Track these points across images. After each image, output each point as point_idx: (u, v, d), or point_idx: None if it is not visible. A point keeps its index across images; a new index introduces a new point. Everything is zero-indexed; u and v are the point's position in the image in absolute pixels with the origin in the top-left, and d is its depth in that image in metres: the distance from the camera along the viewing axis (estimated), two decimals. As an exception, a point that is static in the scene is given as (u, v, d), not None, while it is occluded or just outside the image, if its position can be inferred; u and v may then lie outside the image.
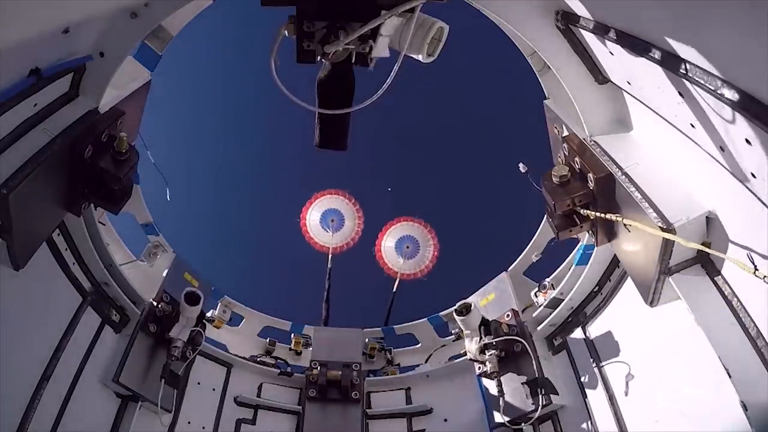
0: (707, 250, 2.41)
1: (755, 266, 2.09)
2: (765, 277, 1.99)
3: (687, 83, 1.96)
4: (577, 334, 3.94)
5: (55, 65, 2.67)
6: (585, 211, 3.11)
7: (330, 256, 6.13)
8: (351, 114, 2.66)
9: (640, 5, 2.03)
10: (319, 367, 4.57)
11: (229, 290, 5.36)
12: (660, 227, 2.48)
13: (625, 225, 2.80)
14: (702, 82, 1.80)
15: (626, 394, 3.31)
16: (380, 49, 2.42)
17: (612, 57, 2.61)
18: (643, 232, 2.67)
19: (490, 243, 9.81)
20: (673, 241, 2.50)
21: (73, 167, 2.93)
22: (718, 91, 1.73)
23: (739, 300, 2.43)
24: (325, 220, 6.37)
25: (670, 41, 1.94)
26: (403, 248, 6.30)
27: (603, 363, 3.59)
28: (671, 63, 1.95)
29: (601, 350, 3.66)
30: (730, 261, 2.20)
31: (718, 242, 2.51)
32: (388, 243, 6.36)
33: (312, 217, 6.41)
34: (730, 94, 1.68)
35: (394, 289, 6.00)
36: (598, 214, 3.00)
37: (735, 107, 1.68)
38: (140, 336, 3.77)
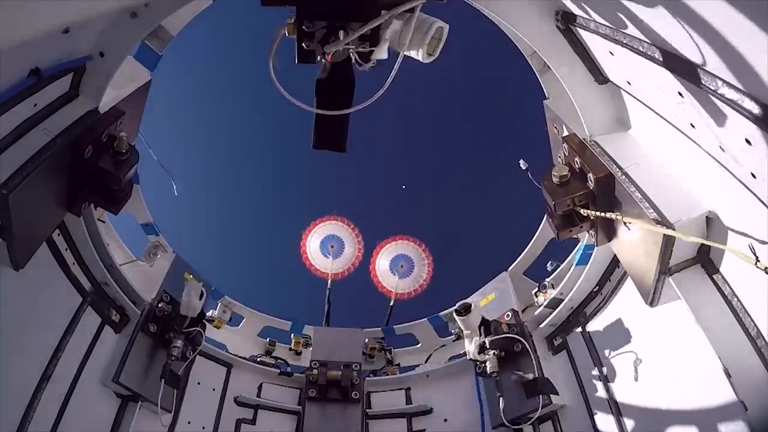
0: (708, 242, 2.40)
1: (757, 257, 2.06)
2: (766, 268, 1.97)
3: (687, 83, 1.96)
4: (577, 334, 3.94)
5: (55, 65, 2.68)
6: (585, 210, 3.11)
7: (329, 281, 6.07)
8: (350, 114, 2.66)
9: (640, 5, 2.03)
10: (319, 367, 4.57)
11: (229, 290, 5.37)
12: (658, 223, 2.48)
13: (625, 223, 2.80)
14: (702, 82, 1.80)
15: (626, 394, 3.31)
16: (380, 53, 2.42)
17: (612, 57, 2.61)
18: (643, 233, 2.67)
19: (490, 243, 9.81)
20: (673, 240, 2.50)
21: (74, 167, 2.93)
22: (718, 91, 1.73)
23: (739, 300, 2.44)
24: (325, 247, 6.31)
25: (670, 41, 1.94)
26: (397, 267, 6.28)
27: (603, 363, 3.59)
28: (671, 63, 1.95)
29: (601, 350, 3.66)
30: (731, 252, 2.19)
31: (718, 242, 2.51)
32: (382, 262, 6.34)
33: (312, 244, 6.36)
34: (730, 94, 1.68)
35: (391, 304, 5.99)
36: (598, 213, 3.00)
37: (735, 107, 1.68)
38: (140, 336, 3.76)
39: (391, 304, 5.99)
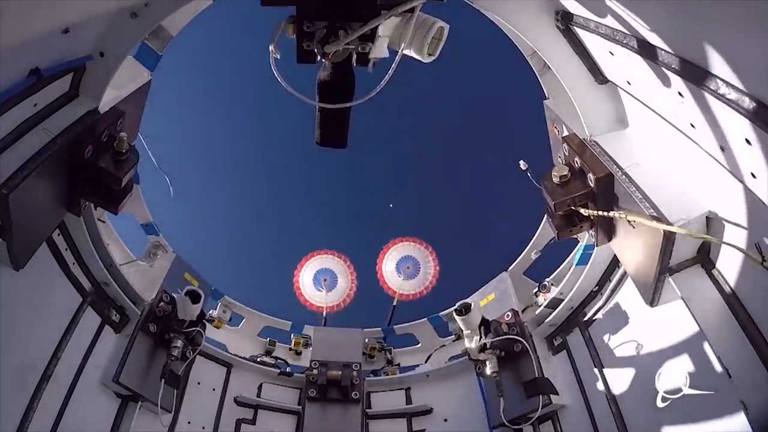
0: (713, 239, 2.40)
1: (763, 257, 2.06)
2: None
3: (687, 83, 1.97)
4: (577, 334, 3.94)
5: (55, 65, 2.67)
6: (586, 210, 3.11)
7: (324, 315, 5.94)
8: (350, 112, 2.66)
9: (640, 5, 2.03)
10: (319, 367, 4.57)
11: (229, 290, 5.37)
12: (657, 220, 2.48)
13: (629, 221, 2.79)
14: (702, 82, 1.80)
15: (626, 394, 3.31)
16: (379, 51, 2.42)
17: (612, 57, 2.61)
18: (643, 233, 2.67)
19: (490, 243, 9.82)
20: (673, 240, 2.50)
21: (73, 167, 2.93)
22: (718, 91, 1.73)
23: (739, 300, 2.44)
24: (318, 280, 6.16)
25: (670, 41, 1.95)
26: (402, 268, 6.25)
27: (603, 363, 3.59)
28: (671, 63, 1.96)
29: (601, 350, 3.66)
30: (739, 251, 2.18)
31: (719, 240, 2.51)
32: (388, 267, 6.30)
33: (305, 278, 6.19)
34: (730, 94, 1.68)
35: (394, 303, 5.93)
36: (599, 212, 3.00)
37: (735, 107, 1.68)
38: (140, 336, 3.76)
39: (394, 303, 5.94)
